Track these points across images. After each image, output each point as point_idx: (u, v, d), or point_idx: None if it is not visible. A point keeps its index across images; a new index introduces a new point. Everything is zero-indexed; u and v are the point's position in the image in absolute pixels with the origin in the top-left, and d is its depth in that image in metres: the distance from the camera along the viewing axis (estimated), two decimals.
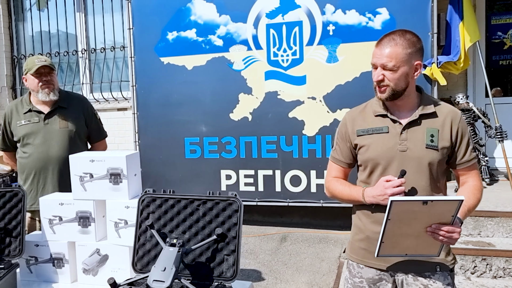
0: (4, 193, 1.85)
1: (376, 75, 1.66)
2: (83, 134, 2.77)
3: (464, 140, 1.67)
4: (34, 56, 2.75)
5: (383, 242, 1.53)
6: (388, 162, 1.65)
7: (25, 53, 6.41)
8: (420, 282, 1.65)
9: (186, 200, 1.62)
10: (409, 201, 1.45)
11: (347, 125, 1.79)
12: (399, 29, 1.71)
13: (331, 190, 1.81)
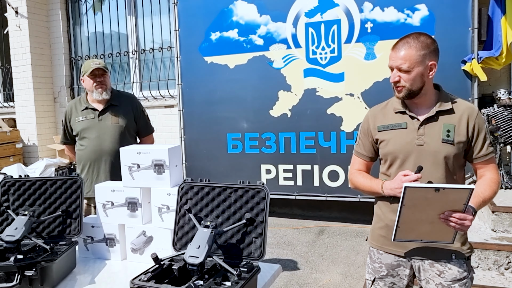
0: (66, 180, 2.14)
1: (392, 76, 1.78)
2: (132, 129, 3.05)
3: (480, 135, 1.75)
4: (90, 59, 3.06)
5: (399, 227, 1.65)
6: (406, 156, 1.77)
7: (81, 54, 6.90)
8: (436, 268, 1.76)
9: (219, 188, 1.82)
10: (422, 188, 1.56)
11: (369, 121, 1.91)
12: (414, 32, 1.80)
13: (354, 182, 1.94)
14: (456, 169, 1.76)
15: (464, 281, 1.75)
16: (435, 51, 1.76)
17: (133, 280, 1.53)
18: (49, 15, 6.86)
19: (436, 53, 1.77)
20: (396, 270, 1.84)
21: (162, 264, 1.63)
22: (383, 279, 1.87)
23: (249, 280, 1.54)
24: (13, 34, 6.72)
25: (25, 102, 6.74)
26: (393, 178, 1.76)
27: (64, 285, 1.86)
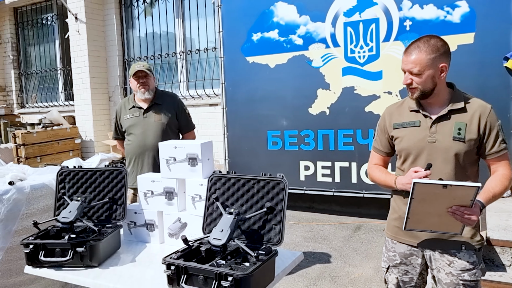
0: (112, 171, 2.41)
1: (404, 79, 1.87)
2: (174, 126, 3.31)
3: (492, 133, 1.81)
4: (136, 62, 3.34)
5: (409, 218, 1.75)
6: (419, 152, 1.86)
7: (133, 56, 7.35)
8: (446, 258, 1.85)
9: (244, 179, 2.01)
10: (430, 184, 1.66)
11: (385, 119, 2.02)
12: (426, 35, 1.89)
13: (371, 175, 2.06)
14: (468, 166, 1.84)
15: (473, 271, 1.82)
16: (446, 53, 1.84)
17: (165, 257, 1.75)
18: (105, 20, 7.36)
19: (447, 55, 1.85)
20: (409, 259, 1.94)
21: (191, 246, 1.85)
22: (397, 267, 1.98)
23: (266, 262, 1.72)
24: (73, 38, 7.28)
25: (83, 101, 7.28)
26: (406, 174, 1.86)
27: (109, 262, 2.12)
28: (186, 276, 1.69)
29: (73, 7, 7.16)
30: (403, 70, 1.89)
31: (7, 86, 9.07)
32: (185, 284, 1.68)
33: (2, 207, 2.60)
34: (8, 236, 2.64)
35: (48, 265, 2.06)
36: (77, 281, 2.00)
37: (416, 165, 1.85)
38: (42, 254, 2.04)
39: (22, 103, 9.00)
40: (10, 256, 2.65)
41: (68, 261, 2.01)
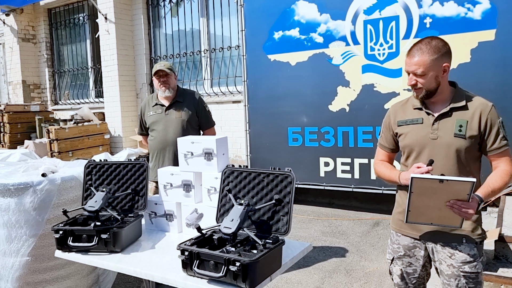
0: (135, 165, 2.58)
1: (409, 80, 1.94)
2: (194, 122, 3.46)
3: (493, 130, 1.87)
4: (159, 62, 3.50)
5: (410, 211, 1.84)
6: (421, 148, 1.94)
7: (160, 54, 7.58)
8: (447, 250, 1.92)
9: (255, 173, 2.13)
10: (427, 179, 1.74)
11: (390, 116, 2.10)
12: (427, 37, 1.96)
13: (377, 171, 2.15)
14: (470, 162, 1.90)
15: (474, 264, 1.89)
16: (447, 53, 1.91)
17: (179, 244, 1.90)
18: (133, 20, 7.61)
19: (448, 54, 1.91)
20: (412, 251, 2.03)
21: (204, 234, 1.99)
22: (401, 259, 2.06)
23: (272, 250, 1.84)
24: (103, 37, 7.57)
25: (112, 98, 7.57)
26: (409, 169, 1.94)
27: (131, 249, 2.29)
28: (198, 261, 1.83)
29: (103, 8, 7.44)
30: (407, 72, 1.96)
31: (41, 84, 9.49)
32: (197, 268, 1.82)
33: (36, 197, 2.81)
34: (40, 224, 2.86)
35: (76, 250, 2.25)
36: (101, 265, 2.18)
37: (419, 161, 1.93)
38: (70, 240, 2.23)
39: (56, 100, 9.40)
40: (42, 242, 2.86)
41: (94, 246, 2.19)
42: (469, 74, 4.38)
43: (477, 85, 4.34)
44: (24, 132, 8.18)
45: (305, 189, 5.83)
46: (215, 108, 6.72)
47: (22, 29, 9.15)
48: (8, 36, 9.32)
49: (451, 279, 1.93)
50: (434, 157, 1.88)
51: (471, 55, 4.35)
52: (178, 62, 7.38)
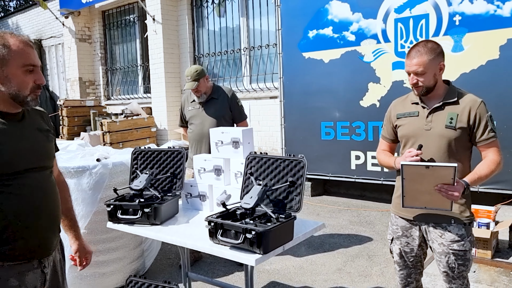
0: (174, 152, 2.98)
1: (411, 80, 2.17)
2: (228, 116, 3.82)
3: (481, 123, 2.09)
4: (188, 69, 3.76)
5: (404, 196, 2.10)
6: (416, 138, 2.19)
7: (203, 52, 8.04)
8: (438, 231, 2.16)
9: (273, 159, 2.46)
10: (414, 165, 2.00)
11: (391, 111, 2.36)
12: (422, 40, 2.19)
13: (378, 159, 2.41)
14: (460, 150, 2.13)
15: (462, 243, 2.12)
16: (442, 53, 2.15)
17: (207, 217, 2.27)
18: (178, 20, 8.11)
19: (442, 54, 2.15)
20: (409, 231, 2.28)
21: (228, 209, 2.34)
22: (399, 239, 2.32)
23: (284, 223, 2.16)
24: (151, 37, 8.13)
25: (159, 94, 8.11)
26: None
27: (169, 222, 2.69)
28: (222, 231, 2.19)
29: (151, 10, 7.98)
30: (408, 72, 2.19)
31: (96, 80, 10.26)
32: (220, 236, 2.18)
33: (91, 178, 3.29)
34: (95, 202, 3.33)
35: (123, 222, 2.67)
36: (144, 234, 2.59)
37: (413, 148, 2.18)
38: (119, 213, 2.65)
39: (108, 95, 10.14)
40: (96, 218, 3.34)
41: (138, 219, 2.60)
42: (498, 71, 4.46)
43: (506, 81, 4.44)
44: (80, 125, 8.93)
45: (337, 182, 6.08)
46: (253, 104, 7.09)
47: (79, 30, 9.93)
48: (66, 37, 10.14)
49: (441, 256, 2.18)
50: (427, 146, 2.13)
51: (500, 52, 4.43)
52: (219, 60, 7.80)
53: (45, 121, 1.79)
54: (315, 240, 4.44)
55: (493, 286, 3.09)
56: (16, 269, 1.57)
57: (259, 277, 3.63)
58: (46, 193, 1.66)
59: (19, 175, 1.56)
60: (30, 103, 1.60)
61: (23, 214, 1.56)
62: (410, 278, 2.38)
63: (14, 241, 1.55)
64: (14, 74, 1.54)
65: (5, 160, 1.52)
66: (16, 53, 1.53)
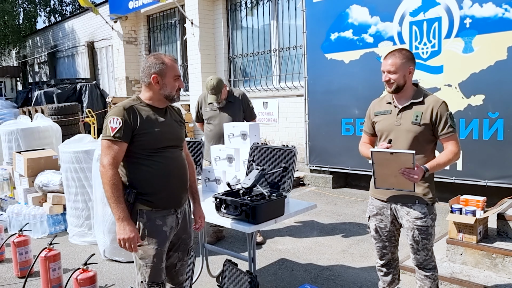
0: (194, 142, 3.54)
1: (384, 77, 2.58)
2: (241, 116, 4.31)
3: (442, 120, 2.47)
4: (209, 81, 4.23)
5: (376, 178, 2.52)
6: (389, 132, 2.59)
7: (236, 53, 8.59)
8: (405, 209, 2.56)
9: (271, 148, 2.95)
10: (381, 152, 2.41)
11: (370, 109, 2.78)
12: (397, 48, 2.60)
13: (360, 150, 2.83)
14: (424, 143, 2.51)
15: (424, 219, 2.52)
16: (412, 59, 2.55)
17: (214, 194, 2.79)
18: (214, 23, 8.71)
19: (413, 61, 2.55)
20: (382, 211, 2.69)
21: (232, 189, 2.86)
22: (375, 216, 2.74)
23: (275, 200, 2.65)
24: (189, 40, 8.78)
25: (196, 92, 8.76)
26: None
27: None
28: (225, 206, 2.71)
29: (190, 14, 8.63)
30: (383, 71, 2.58)
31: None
32: (224, 210, 2.70)
33: None
34: None
35: None
36: None
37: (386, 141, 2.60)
38: None
39: None
40: None
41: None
42: (505, 70, 4.69)
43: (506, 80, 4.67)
44: None
45: (358, 175, 6.43)
46: (281, 102, 7.57)
47: (126, 33, 10.79)
48: (115, 39, 11.04)
49: (408, 230, 2.58)
50: (397, 139, 2.54)
51: (508, 53, 4.65)
52: (251, 60, 8.33)
53: (179, 115, 2.45)
54: (328, 226, 4.88)
55: (477, 267, 3.42)
56: (160, 213, 2.21)
57: (272, 255, 4.13)
58: (178, 163, 2.29)
59: (162, 149, 2.21)
60: (176, 99, 2.28)
61: (164, 175, 2.20)
62: (385, 250, 2.79)
63: (159, 193, 2.19)
64: (169, 82, 2.22)
65: (155, 139, 2.18)
66: (169, 67, 2.22)
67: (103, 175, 2.10)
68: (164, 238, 2.22)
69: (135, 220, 2.17)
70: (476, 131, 4.95)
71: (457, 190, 5.50)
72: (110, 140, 2.12)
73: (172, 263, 2.40)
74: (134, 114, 2.17)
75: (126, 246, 2.11)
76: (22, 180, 5.53)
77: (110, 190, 2.08)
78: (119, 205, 2.09)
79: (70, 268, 3.88)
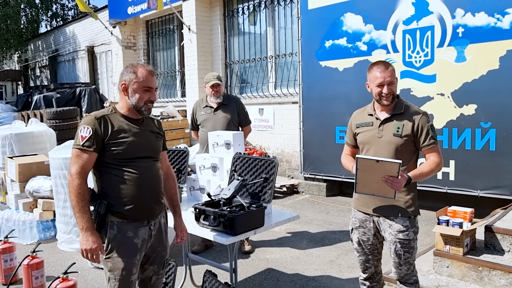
0: (180, 151, 3.52)
1: (386, 89, 2.46)
2: (236, 120, 4.30)
3: (423, 131, 2.44)
4: (210, 73, 4.35)
5: (357, 183, 2.47)
6: (370, 145, 2.56)
7: (233, 59, 8.59)
8: (387, 222, 2.52)
9: (252, 159, 2.92)
10: (367, 159, 2.38)
11: (351, 120, 2.75)
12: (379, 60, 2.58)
13: (342, 162, 2.79)
14: (405, 154, 2.48)
15: (406, 233, 2.48)
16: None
17: (194, 205, 2.77)
18: (212, 30, 8.72)
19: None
20: (364, 223, 2.65)
21: (212, 199, 2.83)
22: (358, 229, 2.70)
23: (254, 211, 2.62)
24: (187, 46, 8.79)
25: (193, 98, 8.74)
26: None
27: None
28: (204, 216, 2.68)
29: (187, 20, 8.64)
30: (382, 84, 2.48)
31: None
32: (202, 220, 2.67)
33: None
34: None
35: None
36: None
37: (368, 153, 2.56)
38: None
39: None
40: None
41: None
42: (498, 80, 4.66)
43: (506, 90, 4.64)
44: None
45: (351, 183, 6.35)
46: (277, 108, 7.55)
47: (125, 39, 10.81)
48: (114, 45, 11.07)
49: (390, 244, 2.54)
50: (378, 151, 2.51)
51: (500, 62, 4.62)
52: (248, 66, 8.32)
53: (158, 127, 2.41)
54: (318, 235, 4.84)
55: (463, 280, 3.37)
56: (132, 225, 2.18)
57: (259, 264, 4.09)
58: (151, 174, 2.25)
59: (134, 159, 2.18)
60: (144, 112, 2.24)
61: (135, 186, 2.16)
62: (368, 264, 2.75)
63: (130, 204, 2.15)
64: (137, 91, 2.19)
65: (127, 149, 2.15)
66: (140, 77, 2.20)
67: (70, 184, 2.09)
68: (135, 250, 2.19)
69: (105, 232, 2.14)
70: (469, 141, 4.91)
71: (449, 200, 5.46)
72: (79, 149, 2.11)
73: (147, 276, 2.37)
74: (106, 124, 2.16)
75: (89, 257, 2.09)
76: (13, 185, 5.53)
77: (76, 199, 2.06)
78: (84, 215, 2.07)
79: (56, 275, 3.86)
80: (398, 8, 5.38)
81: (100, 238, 2.12)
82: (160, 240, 2.36)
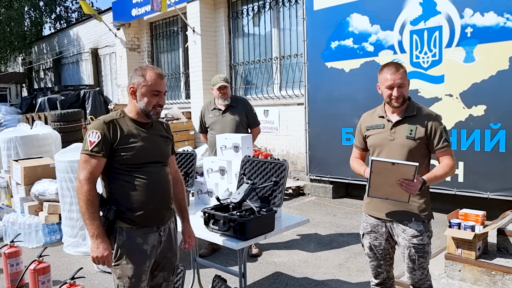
0: (187, 154, 3.48)
1: (396, 92, 2.42)
2: (244, 122, 4.26)
3: (437, 134, 2.39)
4: (217, 75, 4.32)
5: (370, 187, 2.42)
6: (382, 147, 2.51)
7: (238, 61, 8.55)
8: (401, 227, 2.47)
9: (262, 162, 2.88)
10: (383, 161, 2.33)
11: (361, 123, 2.70)
12: (390, 62, 2.53)
13: (351, 166, 2.75)
14: (418, 157, 2.43)
15: (420, 237, 2.43)
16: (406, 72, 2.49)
17: (203, 209, 2.73)
18: (216, 31, 8.69)
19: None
20: (376, 228, 2.60)
21: (222, 203, 2.79)
22: (369, 234, 2.65)
23: (265, 216, 2.58)
24: (191, 47, 8.76)
25: (197, 99, 8.72)
26: None
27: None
28: (213, 220, 2.64)
29: (191, 22, 8.61)
30: (392, 86, 2.45)
31: None
32: (212, 225, 2.63)
33: None
34: None
35: None
36: None
37: (380, 156, 2.51)
38: None
39: None
40: None
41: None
42: (507, 80, 4.60)
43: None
44: None
45: (359, 185, 6.33)
46: (282, 110, 7.50)
47: (129, 41, 10.80)
48: (118, 47, 11.06)
49: (404, 249, 2.49)
50: (391, 154, 2.46)
51: (510, 63, 4.57)
52: (253, 68, 8.29)
53: (167, 130, 2.38)
54: (326, 238, 4.79)
55: (476, 284, 3.32)
56: (141, 231, 2.13)
57: (267, 268, 4.05)
58: (160, 180, 2.20)
59: (144, 165, 2.13)
60: (152, 116, 2.18)
61: (145, 192, 2.12)
62: (380, 269, 2.70)
63: (139, 210, 2.10)
64: (145, 95, 2.14)
65: (136, 154, 2.11)
66: (148, 80, 2.14)
67: (79, 190, 2.05)
68: (145, 257, 2.14)
69: (114, 238, 2.11)
70: (478, 142, 4.85)
71: (458, 202, 5.40)
72: (88, 154, 2.07)
73: (157, 283, 2.33)
74: (114, 128, 2.11)
75: (100, 263, 2.05)
76: (19, 188, 5.50)
77: (85, 206, 2.03)
78: (94, 221, 2.03)
79: (63, 280, 3.82)
80: (405, 8, 5.33)
81: (111, 245, 2.08)
82: (170, 246, 2.32)
